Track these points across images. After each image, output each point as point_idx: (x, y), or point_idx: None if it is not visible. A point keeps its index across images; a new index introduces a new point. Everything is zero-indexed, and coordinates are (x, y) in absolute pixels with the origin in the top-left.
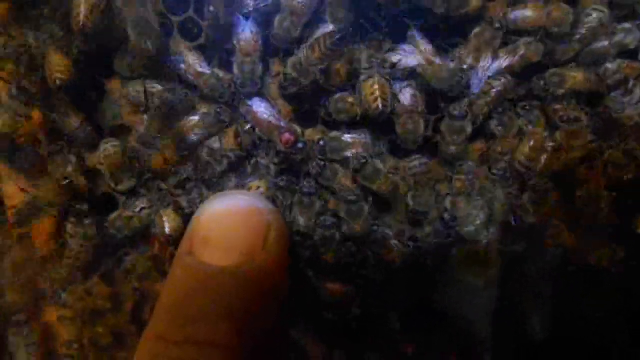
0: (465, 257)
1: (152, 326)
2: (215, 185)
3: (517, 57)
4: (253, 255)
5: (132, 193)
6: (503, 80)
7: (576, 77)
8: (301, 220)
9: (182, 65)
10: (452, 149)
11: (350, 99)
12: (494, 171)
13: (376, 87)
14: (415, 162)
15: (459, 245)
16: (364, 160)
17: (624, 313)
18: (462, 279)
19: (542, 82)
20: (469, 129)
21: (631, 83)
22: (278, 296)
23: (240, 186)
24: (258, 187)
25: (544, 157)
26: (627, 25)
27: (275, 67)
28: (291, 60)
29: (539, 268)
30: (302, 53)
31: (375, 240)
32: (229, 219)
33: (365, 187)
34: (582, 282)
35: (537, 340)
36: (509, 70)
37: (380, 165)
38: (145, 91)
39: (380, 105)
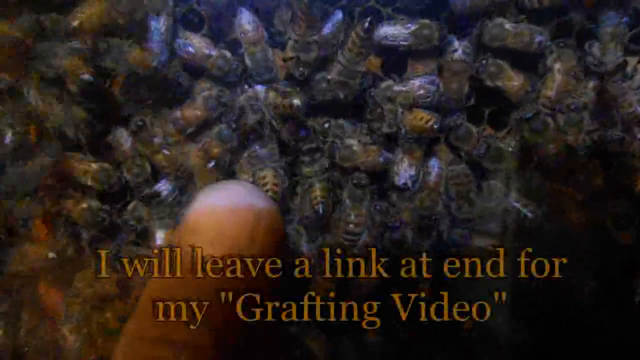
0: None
1: (131, 320)
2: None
3: None
4: (239, 248)
5: None
6: None
7: None
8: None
9: (190, 49)
10: None
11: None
12: None
13: None
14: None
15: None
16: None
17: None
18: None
19: None
20: None
21: (629, 68)
22: (265, 291)
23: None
24: (264, 177)
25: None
26: None
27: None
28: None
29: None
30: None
31: None
32: (218, 211)
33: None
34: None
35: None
36: None
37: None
38: None
39: None
